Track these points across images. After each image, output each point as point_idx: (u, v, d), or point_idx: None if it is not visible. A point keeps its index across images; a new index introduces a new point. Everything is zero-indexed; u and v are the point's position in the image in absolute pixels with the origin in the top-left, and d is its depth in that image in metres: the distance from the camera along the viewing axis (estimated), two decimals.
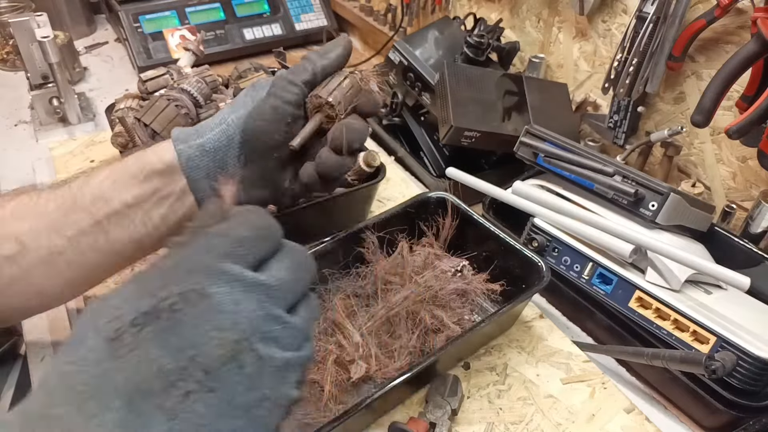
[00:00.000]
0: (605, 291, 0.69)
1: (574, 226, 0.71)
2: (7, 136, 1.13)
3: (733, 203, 0.82)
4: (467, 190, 0.80)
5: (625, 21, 0.90)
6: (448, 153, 0.99)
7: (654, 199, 0.68)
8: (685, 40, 0.80)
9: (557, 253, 0.72)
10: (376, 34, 1.44)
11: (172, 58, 1.29)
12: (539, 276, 0.64)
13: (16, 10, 1.37)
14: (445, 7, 1.27)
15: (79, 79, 1.32)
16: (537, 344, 0.68)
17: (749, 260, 0.72)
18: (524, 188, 0.76)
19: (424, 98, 0.97)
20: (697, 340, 0.62)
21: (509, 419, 0.60)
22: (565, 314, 0.77)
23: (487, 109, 0.89)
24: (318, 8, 1.49)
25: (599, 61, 0.97)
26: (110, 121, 0.93)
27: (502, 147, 0.91)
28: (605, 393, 0.63)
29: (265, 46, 1.40)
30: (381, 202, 0.90)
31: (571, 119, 0.97)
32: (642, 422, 0.61)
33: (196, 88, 0.87)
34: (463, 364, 0.65)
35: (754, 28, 0.69)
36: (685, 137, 0.86)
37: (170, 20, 1.35)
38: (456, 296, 0.66)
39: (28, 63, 1.06)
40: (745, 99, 0.75)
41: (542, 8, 1.06)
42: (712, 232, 0.75)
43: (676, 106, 0.88)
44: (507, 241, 0.69)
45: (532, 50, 1.10)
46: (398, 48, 0.98)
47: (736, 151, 0.81)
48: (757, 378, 0.58)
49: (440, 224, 0.73)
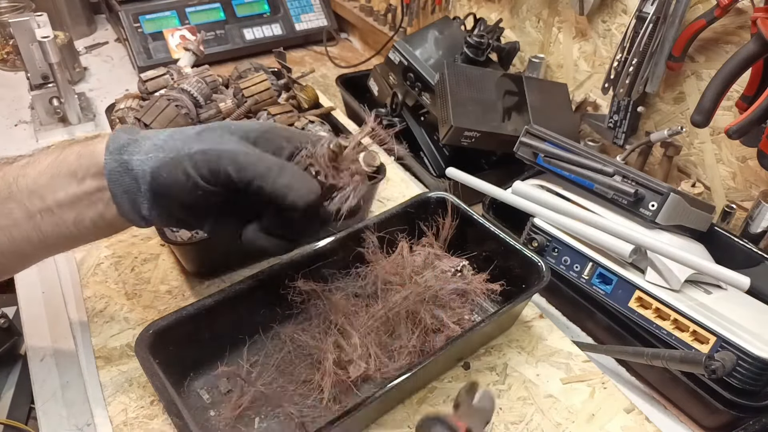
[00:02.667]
0: (605, 291, 0.69)
1: (574, 226, 0.71)
2: (7, 136, 1.13)
3: (733, 203, 0.82)
4: (467, 190, 0.80)
5: (625, 21, 0.90)
6: (448, 153, 0.99)
7: (654, 199, 0.68)
8: (685, 40, 0.80)
9: (557, 253, 0.72)
10: (376, 34, 1.44)
11: (172, 58, 1.30)
12: (539, 276, 0.64)
13: (16, 10, 1.37)
14: (445, 7, 1.27)
15: (79, 79, 1.32)
16: (537, 344, 0.68)
17: (749, 260, 0.72)
18: (524, 188, 0.77)
19: (424, 98, 0.97)
20: (697, 340, 0.62)
21: (509, 419, 0.60)
22: (565, 314, 0.77)
23: (487, 109, 0.89)
24: (318, 8, 1.49)
25: (599, 61, 0.98)
26: (110, 121, 0.93)
27: (502, 147, 0.91)
28: (605, 393, 0.63)
29: (265, 46, 1.40)
30: (381, 203, 0.90)
31: (571, 119, 0.97)
32: (642, 422, 0.61)
33: (196, 88, 0.87)
34: (463, 364, 0.65)
35: (753, 28, 0.69)
36: (685, 137, 0.86)
37: (170, 20, 1.35)
38: (456, 296, 0.66)
39: (28, 63, 1.06)
40: (744, 99, 0.75)
41: (542, 8, 1.06)
42: (712, 232, 0.75)
43: (676, 106, 0.88)
44: (507, 241, 0.69)
45: (532, 50, 1.10)
46: (398, 48, 0.98)
47: (736, 151, 0.81)
48: (757, 378, 0.58)
49: (440, 224, 0.73)
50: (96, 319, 0.70)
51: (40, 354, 0.67)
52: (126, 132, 0.52)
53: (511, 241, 0.69)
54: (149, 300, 0.72)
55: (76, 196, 0.51)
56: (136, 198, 0.51)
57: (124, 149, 0.51)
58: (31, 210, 0.50)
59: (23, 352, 1.01)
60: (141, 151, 0.50)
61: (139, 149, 0.50)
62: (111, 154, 0.50)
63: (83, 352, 0.67)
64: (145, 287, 0.74)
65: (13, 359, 1.02)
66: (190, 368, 0.61)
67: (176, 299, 0.72)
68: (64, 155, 0.51)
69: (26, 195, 0.50)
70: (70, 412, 0.61)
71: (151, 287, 0.74)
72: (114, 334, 0.68)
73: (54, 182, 0.51)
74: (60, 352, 0.67)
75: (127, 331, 0.68)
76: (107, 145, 0.51)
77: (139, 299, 0.72)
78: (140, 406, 0.60)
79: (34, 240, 0.52)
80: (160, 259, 0.78)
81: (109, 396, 0.61)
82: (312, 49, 1.50)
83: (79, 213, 0.51)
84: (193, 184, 0.49)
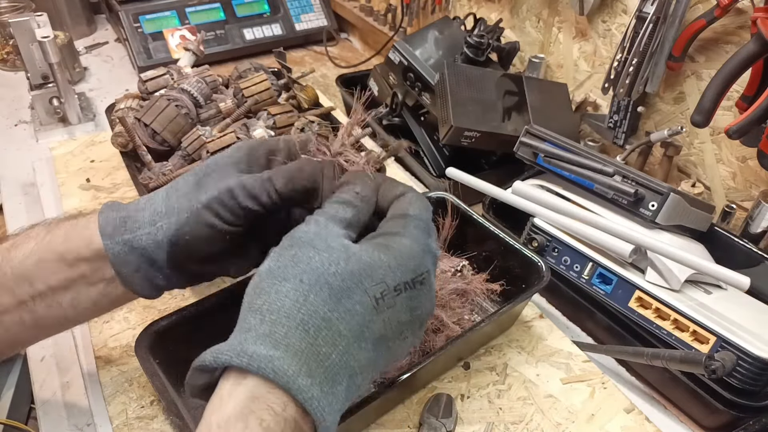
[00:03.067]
0: (605, 291, 0.69)
1: (574, 226, 0.71)
2: (7, 136, 1.13)
3: (733, 203, 0.82)
4: (467, 190, 0.80)
5: (625, 21, 0.90)
6: (448, 153, 0.99)
7: (654, 199, 0.68)
8: (685, 40, 0.80)
9: (557, 253, 0.72)
10: (376, 34, 1.44)
11: (172, 58, 1.30)
12: (539, 276, 0.65)
13: (16, 10, 1.37)
14: (445, 7, 1.27)
15: (79, 79, 1.32)
16: (537, 344, 0.68)
17: (749, 260, 0.72)
18: (524, 188, 0.76)
19: (424, 98, 0.97)
20: (697, 340, 0.62)
21: (509, 419, 0.60)
22: (565, 314, 0.77)
23: (487, 109, 0.89)
24: (318, 8, 1.49)
25: (599, 61, 0.98)
26: (110, 121, 0.93)
27: (502, 147, 0.91)
28: (605, 393, 0.63)
29: (265, 46, 1.40)
30: None
31: (571, 119, 0.97)
32: (642, 422, 0.61)
33: (196, 88, 0.87)
34: (463, 364, 0.65)
35: (753, 28, 0.69)
36: (685, 137, 0.86)
37: (170, 20, 1.35)
38: (456, 296, 0.66)
39: (28, 63, 1.06)
40: (744, 99, 0.75)
41: (542, 8, 1.06)
42: (712, 232, 0.75)
43: (676, 106, 0.88)
44: (507, 241, 0.69)
45: (532, 50, 1.10)
46: (398, 48, 0.98)
47: (736, 151, 0.81)
48: (757, 378, 0.58)
49: (440, 224, 0.73)
50: (96, 319, 0.70)
51: (40, 354, 0.67)
52: (113, 209, 0.49)
53: (511, 241, 0.69)
54: (149, 300, 0.72)
55: (70, 280, 0.48)
56: (148, 273, 0.48)
57: (121, 229, 0.48)
58: (20, 296, 0.48)
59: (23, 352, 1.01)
60: (143, 225, 0.48)
61: (139, 224, 0.48)
62: (109, 239, 0.47)
63: (83, 352, 0.67)
64: None
65: (13, 359, 1.02)
66: (190, 368, 0.61)
67: (176, 299, 0.72)
68: (49, 239, 0.48)
69: (12, 281, 0.47)
70: (70, 412, 0.61)
71: None
72: (114, 334, 0.68)
73: (42, 267, 0.47)
74: (60, 352, 0.67)
75: (127, 331, 0.68)
76: (100, 229, 0.47)
77: (139, 299, 0.72)
78: (140, 406, 0.60)
79: (28, 322, 0.49)
80: None
81: (109, 396, 0.61)
82: (312, 49, 1.50)
83: (75, 295, 0.49)
84: (218, 232, 0.46)
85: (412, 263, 0.41)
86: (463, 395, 0.62)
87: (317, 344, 0.35)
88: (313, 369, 0.35)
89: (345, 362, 0.36)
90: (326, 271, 0.38)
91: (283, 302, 0.37)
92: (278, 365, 0.34)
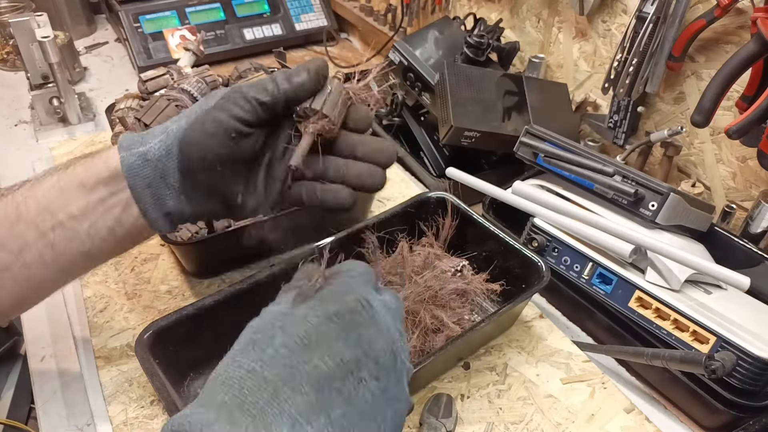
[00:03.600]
0: (605, 291, 0.69)
1: (574, 226, 0.71)
2: (7, 136, 1.13)
3: (733, 203, 0.82)
4: (467, 190, 0.80)
5: (625, 21, 0.90)
6: (448, 153, 0.99)
7: (654, 199, 0.68)
8: (685, 40, 0.80)
9: (557, 253, 0.72)
10: (376, 34, 1.44)
11: (172, 58, 1.30)
12: (539, 276, 0.65)
13: (16, 10, 1.37)
14: (445, 7, 1.27)
15: (79, 79, 1.32)
16: (537, 344, 0.68)
17: (749, 260, 0.72)
18: (524, 188, 0.76)
19: (424, 98, 0.97)
20: (697, 340, 0.62)
21: (509, 419, 0.60)
22: (565, 314, 0.77)
23: (487, 109, 0.89)
24: (318, 8, 1.49)
25: (599, 61, 0.98)
26: (110, 121, 0.93)
27: (502, 147, 0.91)
28: (605, 393, 0.63)
29: (265, 46, 1.40)
30: (381, 202, 0.90)
31: (571, 119, 0.97)
32: (642, 422, 0.61)
33: (196, 88, 0.87)
34: (463, 364, 0.65)
35: (753, 28, 0.69)
36: (685, 137, 0.86)
37: (170, 20, 1.35)
38: (456, 296, 0.66)
39: (28, 63, 1.06)
40: (745, 99, 0.75)
41: (542, 8, 1.06)
42: (712, 232, 0.75)
43: (676, 106, 0.88)
44: (507, 241, 0.69)
45: (532, 50, 1.10)
46: (398, 48, 0.98)
47: (736, 151, 0.81)
48: (757, 378, 0.58)
49: (440, 224, 0.73)
50: (96, 319, 0.70)
51: (40, 354, 0.67)
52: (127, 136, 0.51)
53: (511, 241, 0.69)
54: (149, 300, 0.72)
55: (88, 206, 0.50)
56: (159, 190, 0.50)
57: (137, 143, 0.50)
58: (42, 228, 0.49)
59: (23, 352, 1.01)
60: (155, 138, 0.50)
61: (152, 138, 0.50)
62: (126, 150, 0.50)
63: (83, 352, 0.67)
64: (145, 287, 0.74)
65: (13, 359, 1.02)
66: (190, 368, 0.61)
67: (176, 299, 0.72)
68: (71, 169, 0.51)
69: (36, 213, 0.49)
70: (70, 412, 0.61)
71: (151, 287, 0.74)
72: (114, 334, 0.68)
73: (63, 196, 0.50)
74: (60, 352, 0.67)
75: (127, 331, 0.68)
76: (119, 145, 0.50)
77: (139, 299, 0.72)
78: (140, 406, 0.60)
79: (48, 260, 0.50)
80: (160, 259, 0.78)
81: (109, 396, 0.61)
82: (312, 49, 1.50)
83: (92, 223, 0.50)
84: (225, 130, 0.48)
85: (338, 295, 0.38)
86: (463, 395, 0.62)
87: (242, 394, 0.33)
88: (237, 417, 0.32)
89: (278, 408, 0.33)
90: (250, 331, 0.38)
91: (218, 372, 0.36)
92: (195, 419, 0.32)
